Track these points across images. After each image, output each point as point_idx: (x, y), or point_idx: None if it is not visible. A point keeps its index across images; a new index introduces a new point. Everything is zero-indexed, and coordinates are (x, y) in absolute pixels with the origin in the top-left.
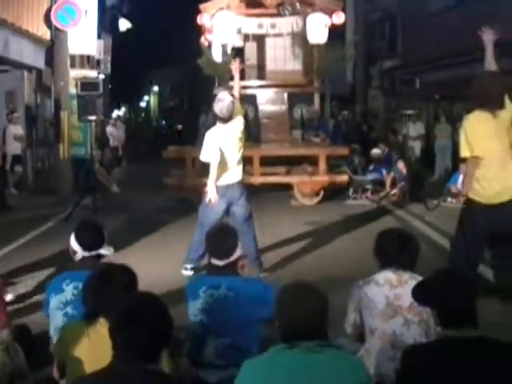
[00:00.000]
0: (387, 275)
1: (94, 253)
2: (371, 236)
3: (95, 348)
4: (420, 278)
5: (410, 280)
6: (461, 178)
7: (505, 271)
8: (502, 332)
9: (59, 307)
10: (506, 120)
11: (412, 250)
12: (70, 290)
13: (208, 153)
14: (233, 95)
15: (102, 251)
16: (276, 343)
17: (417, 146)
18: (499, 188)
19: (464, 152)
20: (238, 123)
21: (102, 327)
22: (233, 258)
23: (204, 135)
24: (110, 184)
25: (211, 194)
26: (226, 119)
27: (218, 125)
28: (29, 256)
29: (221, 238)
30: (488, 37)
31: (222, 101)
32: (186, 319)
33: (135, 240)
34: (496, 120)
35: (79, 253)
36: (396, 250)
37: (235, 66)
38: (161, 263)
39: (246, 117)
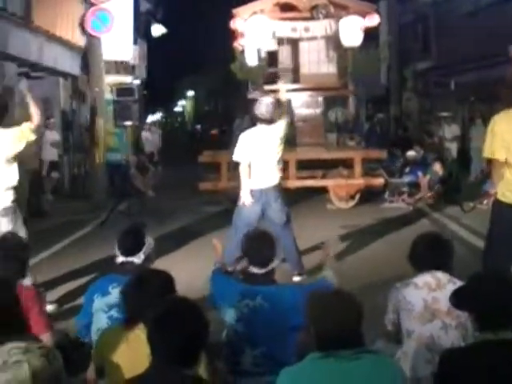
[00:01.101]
0: (426, 278)
1: (129, 259)
2: (407, 239)
3: (134, 353)
4: (458, 282)
5: (449, 284)
6: None
7: None
8: None
9: (103, 309)
10: None
11: (448, 254)
12: (115, 294)
13: (239, 152)
14: (278, 99)
15: (134, 259)
16: (311, 349)
17: (453, 148)
18: None
19: (487, 153)
20: (280, 127)
21: (141, 332)
22: (272, 266)
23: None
24: (146, 189)
25: (244, 196)
26: (267, 120)
27: (258, 126)
28: (66, 261)
29: (260, 246)
30: None
31: (262, 102)
32: (222, 325)
33: (170, 245)
34: None
35: (119, 257)
36: (433, 254)
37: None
38: (196, 268)
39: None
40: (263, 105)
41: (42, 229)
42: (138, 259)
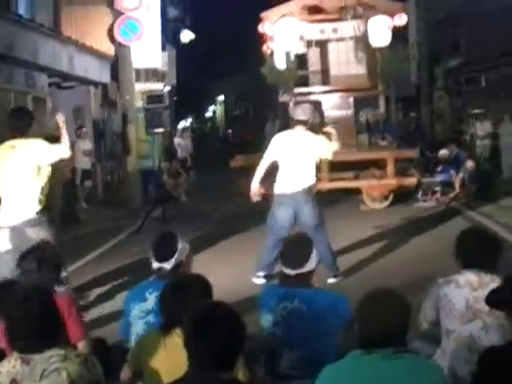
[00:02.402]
0: (468, 277)
1: (162, 264)
2: (442, 239)
3: (172, 357)
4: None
5: (491, 283)
6: None
7: None
8: None
9: (141, 316)
10: None
11: (495, 252)
12: (152, 299)
13: (267, 150)
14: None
15: (165, 265)
16: (351, 351)
17: (485, 145)
18: None
19: None
20: (319, 144)
21: (178, 337)
22: (306, 268)
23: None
24: (179, 194)
25: (252, 188)
26: (303, 122)
27: (295, 129)
28: (102, 268)
29: (294, 248)
30: None
31: (300, 106)
32: (259, 328)
33: (205, 249)
34: None
35: (153, 263)
36: (479, 251)
37: None
38: (231, 272)
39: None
40: (300, 107)
41: (77, 236)
42: (168, 265)
